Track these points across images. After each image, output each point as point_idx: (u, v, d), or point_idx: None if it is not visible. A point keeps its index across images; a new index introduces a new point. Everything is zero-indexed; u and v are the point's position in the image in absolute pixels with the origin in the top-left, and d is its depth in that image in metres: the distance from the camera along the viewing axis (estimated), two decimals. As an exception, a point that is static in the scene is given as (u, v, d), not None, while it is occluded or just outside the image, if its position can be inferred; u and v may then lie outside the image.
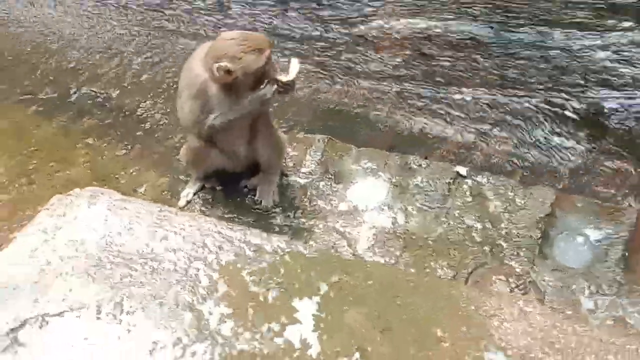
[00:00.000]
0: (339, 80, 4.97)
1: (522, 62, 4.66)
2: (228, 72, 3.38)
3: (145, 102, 4.93)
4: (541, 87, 4.60)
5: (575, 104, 4.50)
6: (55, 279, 2.94)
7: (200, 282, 2.98)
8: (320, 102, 4.89)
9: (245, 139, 3.79)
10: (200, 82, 3.49)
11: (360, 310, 2.90)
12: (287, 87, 3.55)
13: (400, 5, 4.93)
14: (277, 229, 3.79)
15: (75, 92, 5.07)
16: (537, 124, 4.52)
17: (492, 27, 4.72)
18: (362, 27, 5.02)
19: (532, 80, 4.62)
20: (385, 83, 4.90)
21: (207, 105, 3.52)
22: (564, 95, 4.53)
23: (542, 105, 4.56)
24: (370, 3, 5.01)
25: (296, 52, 5.04)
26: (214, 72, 3.40)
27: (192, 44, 5.20)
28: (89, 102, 4.99)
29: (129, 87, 5.11)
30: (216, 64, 3.37)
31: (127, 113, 4.87)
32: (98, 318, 2.82)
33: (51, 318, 2.81)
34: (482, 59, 4.73)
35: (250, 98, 3.50)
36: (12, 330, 2.76)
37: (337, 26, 5.09)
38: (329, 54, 5.07)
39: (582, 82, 4.51)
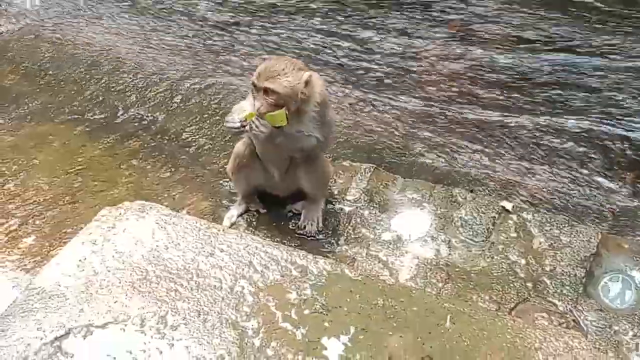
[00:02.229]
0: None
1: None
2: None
3: (190, 126, 4.99)
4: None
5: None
6: (101, 290, 2.96)
7: (244, 300, 2.97)
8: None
9: (278, 165, 3.83)
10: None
11: (404, 335, 2.87)
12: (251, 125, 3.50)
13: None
14: (320, 254, 3.77)
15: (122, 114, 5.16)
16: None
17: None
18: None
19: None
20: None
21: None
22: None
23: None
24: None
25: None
26: None
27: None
28: (135, 124, 5.07)
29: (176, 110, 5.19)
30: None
31: (172, 137, 4.93)
32: (142, 331, 2.82)
33: (95, 329, 2.82)
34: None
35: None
36: (57, 338, 2.77)
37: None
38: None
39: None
